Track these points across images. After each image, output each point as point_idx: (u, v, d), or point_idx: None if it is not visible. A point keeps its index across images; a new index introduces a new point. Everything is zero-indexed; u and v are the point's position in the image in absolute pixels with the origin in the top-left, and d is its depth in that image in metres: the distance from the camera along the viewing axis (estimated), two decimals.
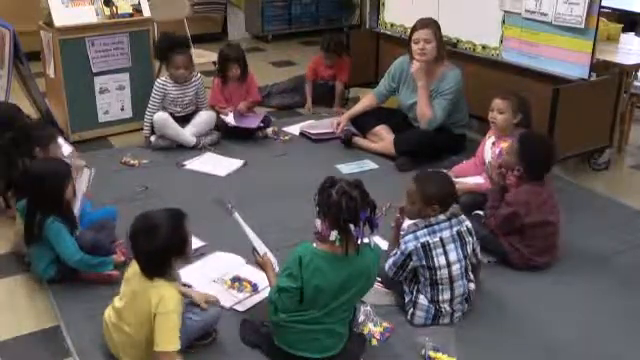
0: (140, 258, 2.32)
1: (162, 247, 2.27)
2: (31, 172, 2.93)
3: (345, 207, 2.25)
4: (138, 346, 2.35)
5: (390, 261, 2.72)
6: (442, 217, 2.69)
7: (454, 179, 3.20)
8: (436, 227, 2.67)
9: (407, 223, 2.81)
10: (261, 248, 2.73)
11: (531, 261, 3.07)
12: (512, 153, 3.11)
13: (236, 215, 2.90)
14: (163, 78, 4.42)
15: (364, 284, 2.41)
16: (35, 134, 3.19)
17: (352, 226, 2.25)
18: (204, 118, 4.49)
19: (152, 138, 4.37)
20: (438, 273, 2.64)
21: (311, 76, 5.33)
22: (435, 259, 2.64)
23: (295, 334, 2.39)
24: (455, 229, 2.69)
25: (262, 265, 2.67)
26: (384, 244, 3.10)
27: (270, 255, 2.71)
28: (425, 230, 2.67)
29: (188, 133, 4.39)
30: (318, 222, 2.31)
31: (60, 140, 3.61)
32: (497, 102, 3.55)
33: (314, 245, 2.36)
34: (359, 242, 2.30)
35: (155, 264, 2.30)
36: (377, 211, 2.34)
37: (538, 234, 3.05)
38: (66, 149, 3.61)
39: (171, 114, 4.38)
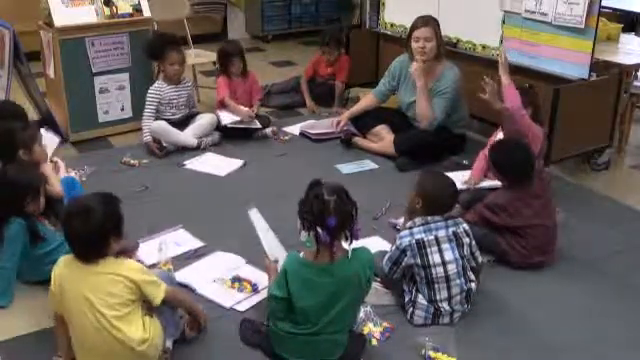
0: (78, 242, 2.27)
1: (99, 227, 2.24)
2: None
3: (314, 210, 2.25)
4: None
5: (386, 256, 2.73)
6: (438, 217, 2.70)
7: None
8: (432, 225, 2.68)
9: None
10: (272, 253, 2.73)
11: (529, 259, 3.08)
12: (490, 164, 3.12)
13: (251, 215, 2.88)
14: (157, 82, 4.42)
15: (355, 293, 2.38)
16: (17, 137, 3.11)
17: (319, 230, 2.24)
18: (206, 120, 4.48)
19: (159, 144, 4.32)
20: (433, 271, 2.65)
21: (310, 72, 5.33)
22: (430, 257, 2.64)
23: (295, 344, 2.39)
24: (451, 230, 2.70)
25: (267, 269, 2.69)
26: (384, 244, 3.11)
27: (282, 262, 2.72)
28: (421, 227, 2.68)
29: (189, 135, 4.39)
30: (298, 223, 2.33)
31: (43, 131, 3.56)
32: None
33: (301, 255, 2.36)
34: (335, 250, 2.29)
35: (94, 246, 2.27)
36: (356, 222, 2.32)
37: (530, 235, 3.06)
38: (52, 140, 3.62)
39: (167, 120, 4.37)
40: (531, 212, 3.06)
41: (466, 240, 2.73)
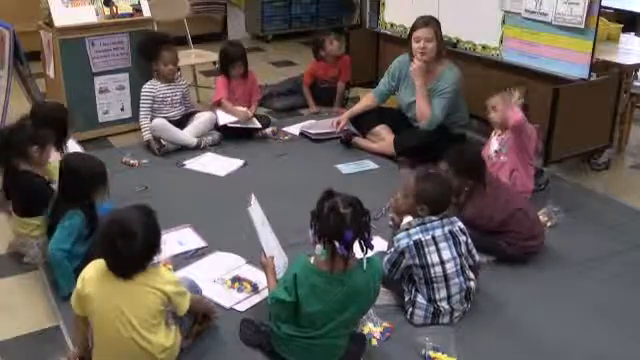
0: (120, 261, 2.22)
1: (143, 248, 2.21)
2: (68, 163, 2.96)
3: (331, 223, 2.23)
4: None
5: (385, 259, 2.73)
6: (434, 216, 2.71)
7: None
8: (428, 225, 2.69)
9: (404, 222, 2.81)
10: (268, 249, 2.73)
11: (527, 247, 3.10)
12: (452, 177, 3.10)
13: (250, 211, 2.82)
14: (150, 81, 4.43)
15: (364, 303, 2.39)
16: (34, 133, 3.15)
17: (337, 243, 2.23)
18: (205, 118, 4.50)
19: (159, 142, 4.32)
20: (432, 271, 2.65)
21: (309, 81, 5.29)
22: (428, 256, 2.65)
23: (296, 346, 2.40)
24: (447, 228, 2.71)
25: (263, 266, 2.69)
26: (384, 244, 3.10)
27: (278, 258, 2.71)
28: (418, 228, 2.69)
29: (189, 134, 4.39)
30: (310, 232, 2.32)
31: None
32: (490, 100, 3.66)
33: (311, 260, 2.35)
34: (349, 261, 2.29)
35: (136, 264, 2.24)
36: (372, 232, 2.31)
37: (515, 222, 3.08)
38: None
39: (166, 119, 4.38)
40: (501, 203, 3.10)
41: (462, 238, 2.73)
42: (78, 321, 2.38)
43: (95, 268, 2.27)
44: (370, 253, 2.32)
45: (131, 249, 2.18)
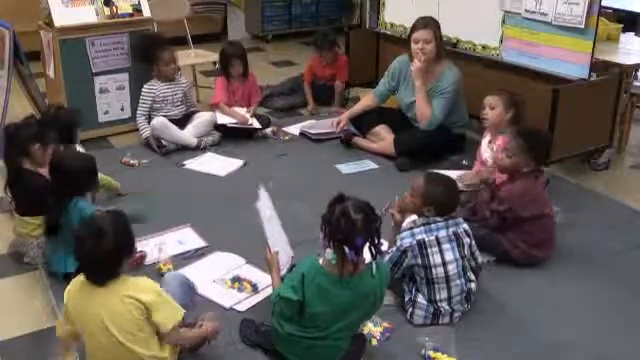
0: (89, 265, 2.19)
1: (111, 251, 2.15)
2: (62, 160, 2.99)
3: (342, 228, 2.22)
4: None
5: (386, 258, 2.73)
6: (439, 218, 2.71)
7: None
8: (433, 226, 2.69)
9: (407, 221, 2.81)
10: (275, 245, 2.71)
11: (531, 256, 3.08)
12: (518, 152, 3.08)
13: (259, 205, 2.78)
14: (150, 81, 4.44)
15: (369, 308, 2.39)
16: (38, 132, 3.17)
17: (346, 248, 2.22)
18: (205, 118, 4.50)
19: (159, 141, 4.33)
20: (433, 271, 2.65)
21: (309, 78, 5.31)
22: (430, 257, 2.65)
23: (298, 346, 2.39)
24: (451, 230, 2.71)
25: (268, 262, 2.67)
26: (384, 244, 3.10)
27: (283, 254, 2.71)
28: (422, 228, 2.68)
29: (189, 134, 4.40)
30: (321, 236, 2.31)
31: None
32: (488, 98, 3.65)
33: (320, 262, 2.34)
34: (359, 266, 2.28)
35: (105, 269, 2.18)
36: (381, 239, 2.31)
37: (535, 228, 3.06)
38: None
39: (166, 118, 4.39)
40: (542, 200, 3.10)
41: (466, 240, 2.73)
42: (65, 333, 2.34)
43: (75, 282, 2.25)
44: (378, 259, 2.32)
45: (100, 248, 2.13)
